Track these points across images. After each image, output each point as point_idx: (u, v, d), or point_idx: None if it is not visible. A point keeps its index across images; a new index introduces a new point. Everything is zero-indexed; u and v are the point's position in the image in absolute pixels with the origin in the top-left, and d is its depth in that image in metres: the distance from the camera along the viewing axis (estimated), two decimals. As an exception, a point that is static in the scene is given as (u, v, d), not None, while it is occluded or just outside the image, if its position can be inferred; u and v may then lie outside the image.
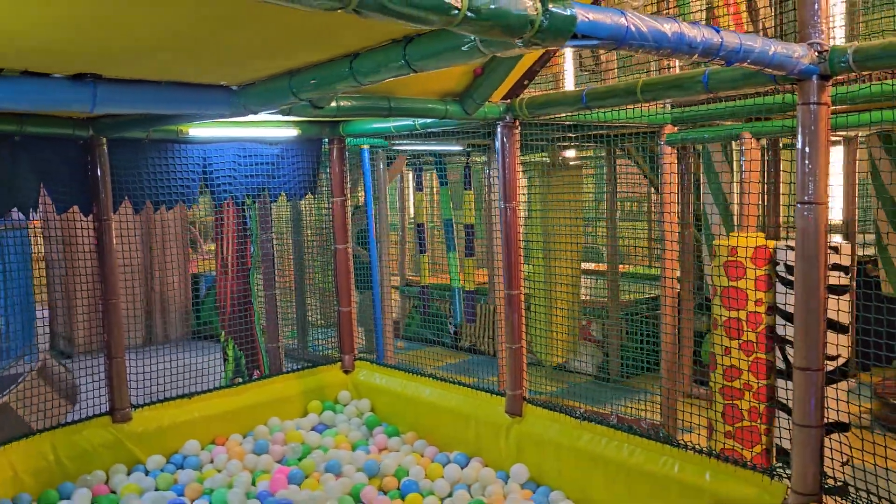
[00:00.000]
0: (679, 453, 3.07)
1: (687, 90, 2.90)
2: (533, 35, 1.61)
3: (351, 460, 3.93)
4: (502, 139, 3.68)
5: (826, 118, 2.57)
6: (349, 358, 4.81)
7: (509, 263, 3.73)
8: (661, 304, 4.79)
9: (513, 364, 3.78)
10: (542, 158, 6.57)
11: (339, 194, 4.71)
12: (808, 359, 2.59)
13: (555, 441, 3.55)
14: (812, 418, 2.61)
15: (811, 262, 2.58)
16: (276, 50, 2.26)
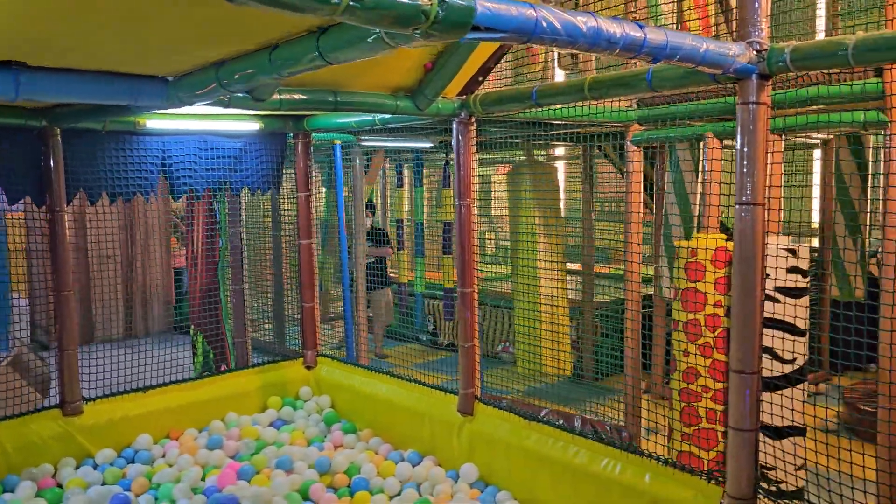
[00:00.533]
0: (621, 455, 3.04)
1: (632, 88, 2.87)
2: (429, 27, 1.58)
3: (303, 457, 3.90)
4: (457, 136, 3.65)
5: (765, 118, 2.54)
6: (312, 354, 4.78)
7: (463, 261, 3.70)
8: (625, 304, 4.76)
9: (465, 363, 3.75)
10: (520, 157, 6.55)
11: (304, 189, 4.68)
12: (743, 361, 2.56)
13: (504, 441, 3.53)
14: (747, 422, 2.57)
15: (748, 264, 2.54)
16: (197, 40, 2.23)
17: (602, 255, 9.45)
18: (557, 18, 1.81)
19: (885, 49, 2.16)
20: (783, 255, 3.85)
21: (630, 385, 4.80)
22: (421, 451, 3.94)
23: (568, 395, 6.19)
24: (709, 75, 2.54)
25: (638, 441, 4.73)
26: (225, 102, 2.84)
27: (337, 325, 8.15)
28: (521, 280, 5.85)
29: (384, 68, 3.20)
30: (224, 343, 5.53)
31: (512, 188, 6.07)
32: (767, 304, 3.80)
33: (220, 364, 5.55)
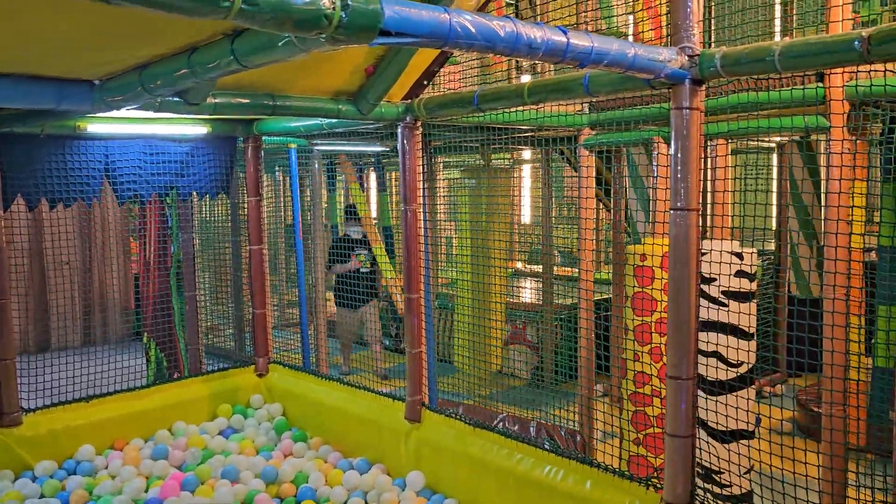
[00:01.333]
0: (563, 462, 3.02)
1: (570, 93, 2.86)
2: (334, 31, 1.55)
3: (250, 466, 3.83)
4: (403, 140, 3.61)
5: (699, 123, 2.54)
6: (263, 361, 4.72)
7: (409, 267, 3.66)
8: (579, 308, 4.76)
9: (412, 369, 3.71)
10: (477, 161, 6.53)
11: (254, 194, 4.61)
12: (678, 367, 2.55)
13: (450, 448, 3.50)
14: (682, 428, 2.56)
15: (683, 269, 2.54)
16: (118, 42, 2.18)
17: (567, 258, 9.48)
18: (473, 23, 1.78)
19: (809, 55, 2.17)
20: (729, 259, 3.86)
21: (584, 389, 4.79)
22: (370, 459, 3.90)
23: (528, 400, 6.19)
24: (643, 80, 2.53)
25: (592, 445, 4.74)
26: (155, 106, 2.78)
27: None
28: (460, 281, 5.85)
29: (325, 72, 3.17)
30: (177, 350, 5.44)
31: (463, 191, 6.07)
32: (715, 308, 3.82)
33: (172, 372, 5.46)
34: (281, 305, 9.08)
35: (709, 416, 3.79)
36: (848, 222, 3.62)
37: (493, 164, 6.78)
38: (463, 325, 5.90)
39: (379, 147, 6.49)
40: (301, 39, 1.69)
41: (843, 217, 3.56)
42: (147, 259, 5.46)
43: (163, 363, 5.51)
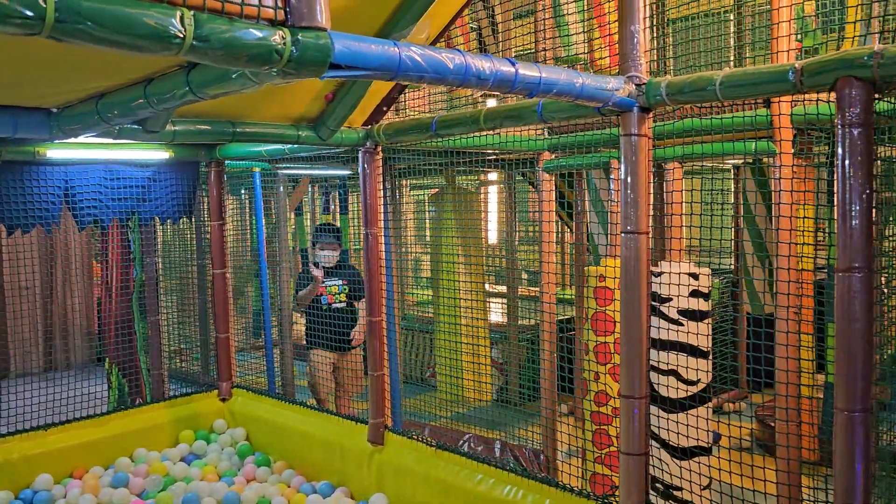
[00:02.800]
0: (522, 481, 3.06)
1: (524, 119, 2.93)
2: (284, 65, 1.60)
3: (212, 492, 3.81)
4: (363, 165, 3.66)
5: (647, 149, 2.63)
6: (226, 385, 4.70)
7: (371, 290, 3.70)
8: (539, 329, 4.82)
9: (375, 392, 3.73)
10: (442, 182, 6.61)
11: (217, 218, 4.62)
12: (631, 386, 2.62)
13: (412, 469, 3.52)
14: (635, 446, 2.62)
15: (634, 290, 2.62)
16: (75, 73, 2.20)
17: (533, 278, 9.58)
18: (422, 56, 1.85)
19: (748, 84, 2.27)
20: (685, 280, 3.96)
21: (546, 409, 4.85)
22: (334, 483, 3.90)
23: (494, 420, 6.22)
24: (595, 109, 2.62)
25: (555, 464, 4.78)
26: (114, 134, 2.80)
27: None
28: (441, 305, 5.87)
29: (285, 99, 3.21)
30: (139, 375, 5.38)
31: (434, 213, 6.13)
32: (672, 327, 3.91)
33: (134, 398, 5.40)
34: (247, 328, 9.02)
35: (666, 434, 3.86)
36: (797, 243, 3.75)
37: (458, 187, 6.86)
38: (448, 348, 5.91)
39: (345, 171, 6.53)
40: (254, 73, 1.73)
41: (792, 238, 3.68)
42: (108, 283, 5.41)
43: (124, 389, 5.44)
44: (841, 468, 2.05)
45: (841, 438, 2.07)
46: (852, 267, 2.02)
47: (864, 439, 2.04)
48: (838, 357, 2.05)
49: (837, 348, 2.06)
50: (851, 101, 2.00)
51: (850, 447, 2.05)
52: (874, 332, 2.04)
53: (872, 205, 2.04)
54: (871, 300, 2.03)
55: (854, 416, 2.04)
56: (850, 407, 2.04)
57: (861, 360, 2.01)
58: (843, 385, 2.05)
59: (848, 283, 2.03)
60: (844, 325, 2.04)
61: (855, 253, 2.02)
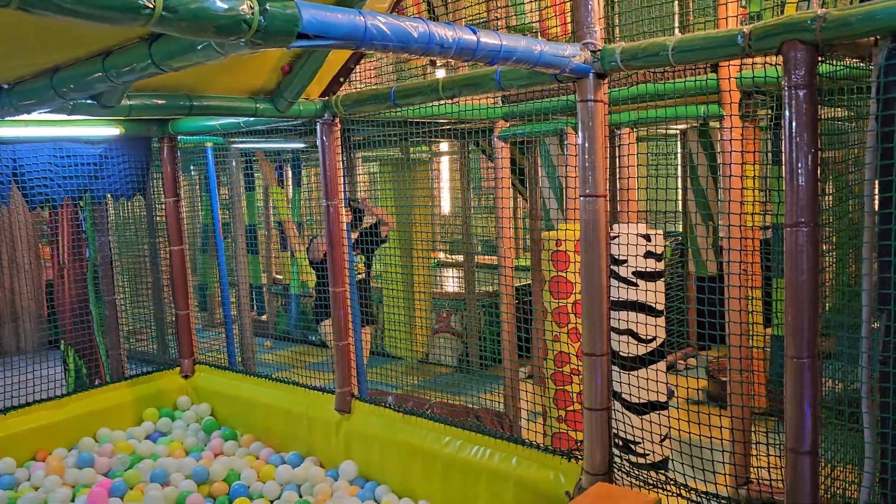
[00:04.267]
0: (489, 441, 3.15)
1: (483, 87, 2.98)
2: (252, 35, 1.60)
3: (180, 468, 3.82)
4: (322, 137, 3.66)
5: (603, 114, 2.70)
6: (188, 362, 4.69)
7: (333, 261, 3.72)
8: (500, 295, 4.91)
9: (341, 361, 3.78)
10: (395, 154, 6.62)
11: (172, 195, 4.57)
12: (592, 344, 2.72)
13: (380, 436, 3.59)
14: (598, 401, 2.73)
15: (593, 251, 2.70)
16: (28, 47, 2.16)
17: (487, 246, 9.68)
18: (387, 25, 1.87)
19: (698, 49, 2.35)
20: (639, 241, 4.08)
21: (508, 371, 4.95)
22: (302, 453, 3.95)
23: (456, 386, 6.33)
24: (550, 75, 2.67)
25: (518, 426, 4.91)
26: (68, 109, 2.75)
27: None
28: (388, 271, 5.92)
29: (241, 71, 3.18)
30: (97, 357, 5.32)
31: (383, 183, 6.15)
32: (626, 287, 4.04)
33: (93, 378, 5.33)
34: (212, 306, 8.95)
35: (624, 390, 4.00)
36: (744, 202, 3.89)
37: (412, 157, 6.87)
38: (391, 315, 5.98)
39: (299, 144, 6.48)
40: (220, 44, 1.73)
41: (740, 198, 3.82)
42: (61, 264, 5.30)
43: (82, 370, 5.37)
44: (791, 412, 2.18)
45: (791, 384, 2.19)
46: (799, 222, 2.13)
47: (812, 384, 2.17)
48: (787, 308, 2.17)
49: (786, 299, 2.18)
50: (797, 64, 2.10)
51: (800, 392, 2.18)
52: (819, 284, 2.16)
53: (818, 163, 2.15)
54: (817, 253, 2.15)
55: (803, 363, 2.17)
56: (799, 354, 2.16)
57: (808, 310, 2.13)
58: (792, 334, 2.17)
59: (795, 238, 2.14)
60: (792, 277, 2.16)
61: (801, 209, 2.13)
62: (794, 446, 2.20)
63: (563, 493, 2.81)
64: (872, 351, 2.12)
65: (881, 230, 2.08)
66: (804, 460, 2.19)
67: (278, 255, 8.59)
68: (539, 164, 5.74)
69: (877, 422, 2.15)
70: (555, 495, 2.85)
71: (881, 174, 2.07)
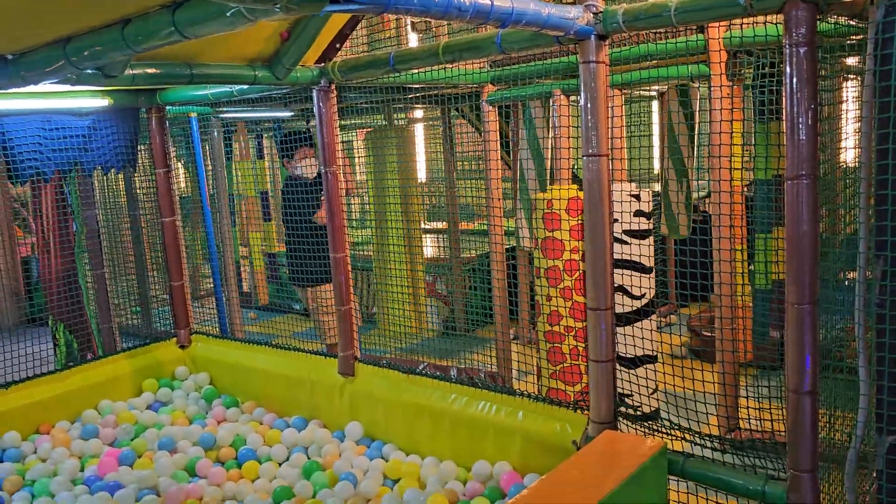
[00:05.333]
0: (495, 397, 3.25)
1: (484, 51, 3.02)
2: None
3: (186, 435, 3.87)
4: (319, 104, 3.68)
5: (605, 75, 2.76)
6: (185, 333, 4.71)
7: (333, 227, 3.76)
8: (491, 258, 5.00)
9: (343, 326, 3.84)
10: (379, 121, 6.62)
11: (162, 165, 4.54)
12: (597, 299, 2.81)
13: (384, 397, 3.67)
14: (603, 353, 2.84)
15: (596, 210, 2.78)
16: (42, 16, 2.15)
17: (466, 212, 9.75)
18: (410, -11, 1.91)
19: (700, 9, 2.42)
20: (629, 200, 4.19)
21: (500, 332, 5.07)
22: (306, 417, 4.02)
23: (444, 349, 6.44)
24: (553, 37, 2.73)
25: (510, 383, 5.04)
26: (73, 80, 2.74)
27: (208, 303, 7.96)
28: (378, 242, 5.96)
29: (240, 39, 3.18)
30: (88, 330, 5.31)
31: (369, 152, 6.16)
32: (617, 245, 4.15)
33: (85, 353, 5.33)
34: (196, 277, 8.91)
35: (618, 346, 4.14)
36: (731, 160, 4.01)
37: (396, 124, 6.89)
38: (384, 284, 6.03)
39: (286, 113, 6.45)
40: (251, 10, 1.76)
41: (725, 156, 3.94)
42: (46, 239, 5.25)
43: (73, 345, 5.36)
44: (792, 355, 2.31)
45: (792, 329, 2.32)
46: (800, 175, 2.23)
47: (812, 329, 2.30)
48: (789, 257, 2.28)
49: (788, 249, 2.29)
50: (798, 22, 2.18)
51: (801, 337, 2.30)
52: (818, 234, 2.28)
53: (818, 118, 2.25)
54: (817, 204, 2.26)
55: (804, 308, 2.29)
56: (800, 300, 2.28)
57: (809, 259, 2.25)
58: (793, 281, 2.29)
59: (796, 190, 2.24)
60: (793, 228, 2.27)
61: (802, 162, 2.23)
62: (796, 387, 2.32)
63: (569, 444, 2.93)
64: (869, 295, 2.25)
65: (878, 180, 2.19)
66: (805, 400, 2.32)
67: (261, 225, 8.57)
68: (521, 129, 5.80)
69: (871, 360, 2.28)
70: (561, 446, 2.97)
71: (879, 127, 2.17)
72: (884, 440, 2.26)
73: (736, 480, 2.54)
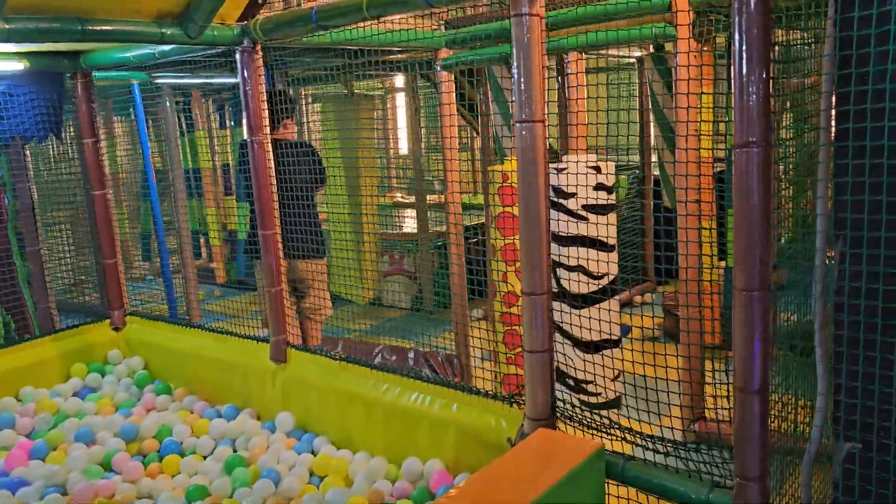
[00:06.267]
0: (429, 387, 2.98)
1: (409, 5, 2.70)
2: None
3: (107, 426, 3.60)
4: (242, 66, 3.35)
5: (539, 30, 2.44)
6: (119, 314, 4.42)
7: (262, 202, 3.46)
8: (447, 234, 4.70)
9: (274, 308, 3.55)
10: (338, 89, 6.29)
11: (90, 135, 4.22)
12: (532, 283, 2.52)
13: (317, 385, 3.39)
14: (539, 343, 2.55)
15: (530, 183, 2.48)
16: None
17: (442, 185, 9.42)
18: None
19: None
20: (588, 172, 3.88)
21: (458, 314, 4.79)
22: (239, 405, 3.75)
23: (407, 330, 6.17)
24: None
25: (468, 368, 4.77)
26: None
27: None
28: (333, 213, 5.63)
29: (143, -9, 2.85)
30: (24, 310, 5.02)
31: (325, 122, 5.83)
32: (575, 222, 3.85)
33: (22, 333, 5.04)
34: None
35: (575, 329, 3.86)
36: (697, 132, 3.69)
37: (357, 93, 6.54)
38: (338, 257, 5.72)
39: (231, 78, 6.09)
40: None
41: (692, 125, 3.62)
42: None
43: (10, 325, 5.08)
44: (740, 348, 2.02)
45: (739, 318, 2.03)
46: (749, 142, 1.93)
47: (763, 319, 2.01)
48: (737, 236, 1.98)
49: (735, 227, 2.00)
50: (747, -36, 1.87)
51: (749, 327, 2.01)
52: (771, 210, 1.98)
53: (769, 78, 1.94)
54: (769, 176, 1.96)
55: (752, 296, 2.00)
56: (749, 286, 1.99)
57: (759, 238, 1.95)
58: (742, 264, 1.99)
59: (745, 159, 1.94)
60: (742, 202, 1.97)
61: (751, 127, 1.93)
62: (743, 385, 2.05)
63: (504, 441, 2.66)
64: (827, 280, 1.96)
65: (837, 148, 1.88)
66: (753, 399, 2.04)
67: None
68: (489, 95, 5.47)
69: (830, 356, 2.00)
70: (497, 442, 2.70)
71: (838, 91, 1.86)
72: (841, 446, 1.98)
73: (678, 487, 2.27)
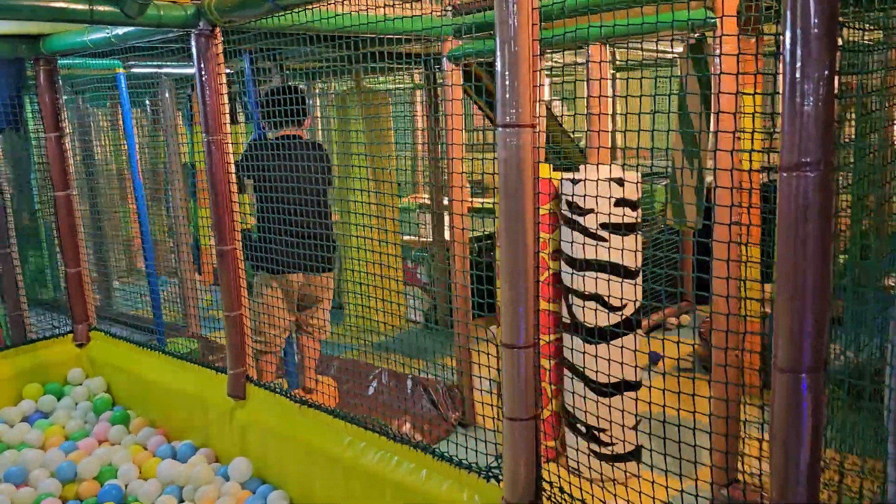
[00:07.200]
0: (395, 447, 2.46)
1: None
2: None
3: (44, 463, 3.16)
4: (198, 53, 2.86)
5: (528, 10, 1.90)
6: (83, 328, 4.00)
7: (218, 213, 2.97)
8: (449, 245, 4.16)
9: (232, 336, 3.06)
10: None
11: (53, 129, 3.80)
12: (512, 332, 1.98)
13: (276, 429, 2.90)
14: (522, 409, 2.01)
15: (515, 202, 1.93)
16: None
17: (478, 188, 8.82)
18: None
19: None
20: (609, 187, 3.30)
21: (459, 337, 4.23)
22: (197, 443, 3.28)
23: (417, 347, 5.63)
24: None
25: (471, 400, 4.21)
26: None
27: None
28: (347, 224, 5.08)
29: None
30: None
31: (338, 119, 5.34)
32: (592, 244, 3.27)
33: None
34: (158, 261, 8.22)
35: (589, 367, 3.29)
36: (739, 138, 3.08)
37: (369, 88, 6.03)
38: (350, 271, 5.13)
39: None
40: None
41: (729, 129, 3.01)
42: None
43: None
44: (778, 457, 1.45)
45: (780, 405, 1.46)
46: (802, 163, 1.36)
47: (815, 411, 1.43)
48: (780, 299, 1.41)
49: (778, 290, 1.42)
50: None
51: (795, 417, 1.44)
52: (830, 262, 1.40)
53: (834, 70, 1.36)
54: (829, 212, 1.38)
55: (798, 378, 1.43)
56: (795, 366, 1.42)
57: (812, 306, 1.38)
58: (788, 336, 1.42)
59: (795, 186, 1.37)
60: (788, 257, 1.40)
61: (807, 144, 1.36)
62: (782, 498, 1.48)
63: (478, 524, 2.12)
64: None
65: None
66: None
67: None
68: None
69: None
70: (471, 523, 2.16)
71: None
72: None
73: None
